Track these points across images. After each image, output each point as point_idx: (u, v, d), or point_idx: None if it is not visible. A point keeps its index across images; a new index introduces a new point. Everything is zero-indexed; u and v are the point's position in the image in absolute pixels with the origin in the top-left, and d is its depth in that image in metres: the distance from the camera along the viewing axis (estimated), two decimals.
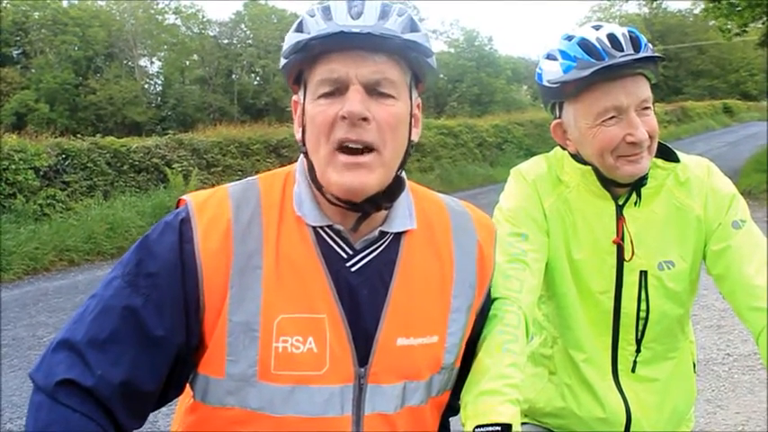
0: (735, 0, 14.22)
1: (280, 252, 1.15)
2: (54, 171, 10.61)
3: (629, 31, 1.50)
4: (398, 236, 1.22)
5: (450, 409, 1.32)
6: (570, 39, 1.52)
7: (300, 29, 1.16)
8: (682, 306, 1.62)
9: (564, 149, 1.62)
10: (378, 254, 1.19)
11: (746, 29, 15.95)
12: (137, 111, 35.39)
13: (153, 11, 40.35)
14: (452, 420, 1.37)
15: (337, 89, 1.12)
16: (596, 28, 1.52)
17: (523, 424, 1.60)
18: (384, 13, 1.14)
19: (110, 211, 10.16)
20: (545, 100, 1.62)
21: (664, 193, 1.58)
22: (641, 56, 1.45)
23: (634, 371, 1.62)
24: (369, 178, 1.12)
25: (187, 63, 41.15)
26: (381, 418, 1.16)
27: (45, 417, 1.06)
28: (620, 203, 1.57)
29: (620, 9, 46.82)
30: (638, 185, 1.55)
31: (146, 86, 40.04)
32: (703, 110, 36.80)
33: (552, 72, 1.53)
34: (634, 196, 1.57)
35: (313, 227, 1.17)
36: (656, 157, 1.55)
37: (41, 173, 10.34)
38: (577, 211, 1.59)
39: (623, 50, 1.45)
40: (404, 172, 1.22)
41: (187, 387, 1.21)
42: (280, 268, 1.14)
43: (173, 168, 12.09)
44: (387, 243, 1.21)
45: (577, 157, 1.58)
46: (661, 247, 1.57)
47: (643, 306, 1.58)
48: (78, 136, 12.08)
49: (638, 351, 1.61)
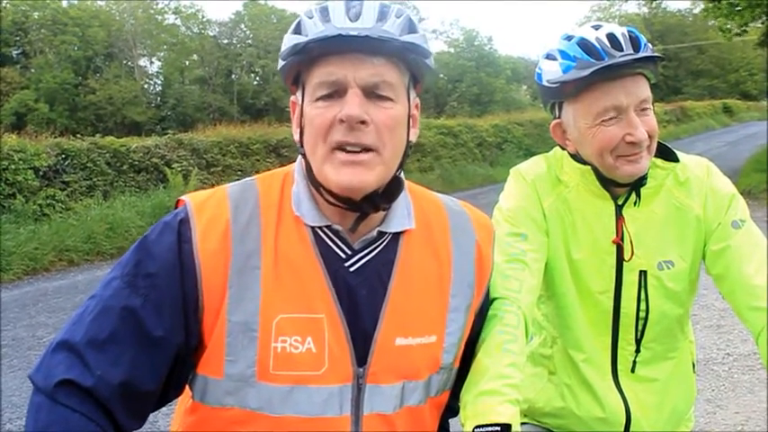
0: (735, 0, 14.21)
1: (278, 252, 1.15)
2: (54, 171, 10.61)
3: (628, 31, 1.50)
4: (397, 236, 1.22)
5: (450, 410, 1.32)
6: (570, 39, 1.52)
7: (298, 31, 1.15)
8: (681, 306, 1.62)
9: (563, 149, 1.62)
10: (376, 254, 1.19)
11: (746, 29, 15.94)
12: (136, 111, 35.39)
13: (153, 11, 40.36)
14: (452, 421, 1.37)
15: (335, 92, 1.12)
16: (596, 28, 1.52)
17: (523, 424, 1.60)
18: (382, 15, 1.14)
19: (109, 211, 10.17)
20: (544, 100, 1.62)
21: (663, 193, 1.58)
22: (641, 56, 1.44)
23: (634, 371, 1.62)
24: (367, 176, 1.12)
25: (187, 63, 41.14)
26: (380, 418, 1.16)
27: (45, 417, 1.06)
28: (620, 203, 1.57)
29: (619, 9, 46.86)
30: (637, 185, 1.55)
31: (145, 86, 40.05)
32: (703, 110, 36.79)
33: (552, 72, 1.53)
34: (633, 196, 1.57)
35: (311, 227, 1.17)
36: (655, 156, 1.55)
37: (41, 173, 10.35)
38: (577, 210, 1.59)
39: (623, 50, 1.45)
40: (402, 172, 1.22)
41: (186, 387, 1.21)
42: (278, 268, 1.14)
43: (172, 168, 12.10)
44: (385, 243, 1.21)
45: (577, 157, 1.58)
46: (660, 247, 1.57)
47: (642, 306, 1.58)
48: (78, 136, 12.10)
49: (638, 351, 1.61)
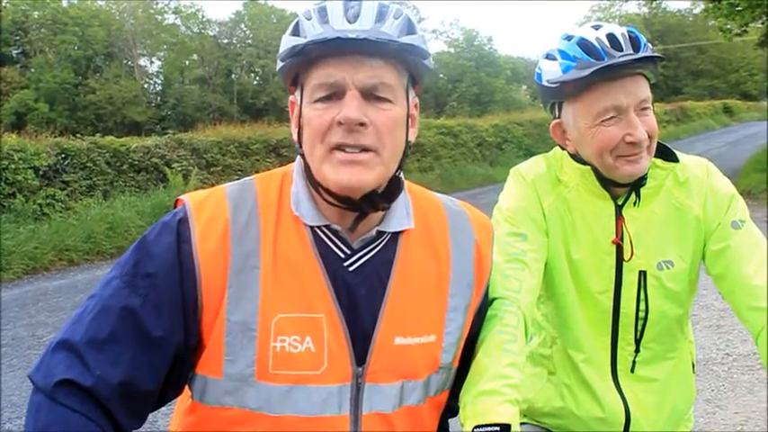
0: (735, 0, 14.20)
1: (277, 252, 1.15)
2: (53, 171, 10.61)
3: (628, 31, 1.49)
4: (396, 235, 1.22)
5: (449, 410, 1.32)
6: (569, 39, 1.52)
7: (297, 32, 1.15)
8: (681, 306, 1.62)
9: (563, 149, 1.62)
10: (375, 253, 1.19)
11: (747, 29, 15.93)
12: (136, 110, 35.40)
13: (152, 10, 40.38)
14: (451, 421, 1.37)
15: (334, 93, 1.11)
16: (596, 28, 1.52)
17: (522, 424, 1.60)
18: (381, 15, 1.13)
19: (109, 210, 10.16)
20: (544, 100, 1.62)
21: (663, 193, 1.58)
22: (640, 56, 1.44)
23: (633, 371, 1.62)
24: (366, 175, 1.12)
25: (187, 63, 41.16)
26: (379, 417, 1.16)
27: (44, 417, 1.06)
28: (620, 203, 1.57)
29: (619, 9, 46.83)
30: (637, 185, 1.55)
31: (145, 86, 40.07)
32: (703, 110, 36.79)
33: (551, 72, 1.53)
34: (633, 196, 1.56)
35: (311, 227, 1.17)
36: (655, 157, 1.55)
37: (41, 172, 10.35)
38: (576, 210, 1.59)
39: (622, 50, 1.45)
40: (402, 172, 1.22)
41: (185, 387, 1.20)
42: (277, 268, 1.14)
43: (172, 168, 12.10)
44: (384, 243, 1.21)
45: (576, 157, 1.58)
46: (660, 247, 1.57)
47: (642, 306, 1.58)
48: (78, 135, 12.10)
49: (638, 351, 1.61)
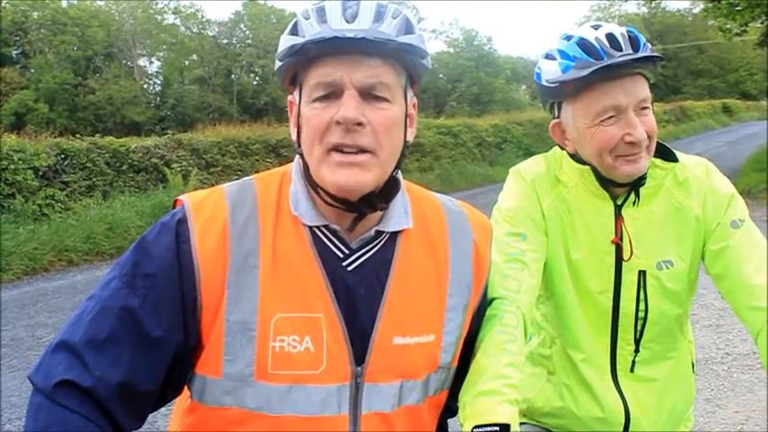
0: (734, 0, 14.20)
1: (276, 252, 1.15)
2: (53, 171, 10.61)
3: (627, 31, 1.49)
4: (394, 235, 1.22)
5: (448, 410, 1.32)
6: (569, 38, 1.52)
7: (295, 31, 1.15)
8: (680, 306, 1.62)
9: (563, 149, 1.62)
10: (374, 253, 1.20)
11: (746, 28, 15.93)
12: (136, 111, 35.37)
13: (152, 11, 40.36)
14: (451, 421, 1.37)
15: (332, 93, 1.11)
16: (595, 27, 1.52)
17: (522, 424, 1.60)
18: (379, 15, 1.14)
19: (109, 211, 10.16)
20: (544, 100, 1.62)
21: (662, 193, 1.58)
22: (640, 55, 1.44)
23: (633, 371, 1.62)
24: (364, 176, 1.12)
25: (186, 63, 41.13)
26: (378, 417, 1.16)
27: (44, 418, 1.06)
28: (619, 203, 1.57)
29: (619, 9, 46.83)
30: (636, 185, 1.55)
31: (145, 86, 40.04)
32: (702, 109, 36.79)
33: (551, 72, 1.53)
34: (633, 196, 1.56)
35: (309, 226, 1.17)
36: (654, 156, 1.55)
37: (40, 173, 10.35)
38: (576, 210, 1.59)
39: (622, 50, 1.45)
40: (400, 172, 1.22)
41: (185, 388, 1.20)
42: (276, 268, 1.14)
43: (172, 168, 12.09)
44: (383, 242, 1.21)
45: (576, 157, 1.58)
46: (660, 247, 1.57)
47: (642, 306, 1.58)
48: (77, 136, 12.09)
49: (637, 351, 1.61)
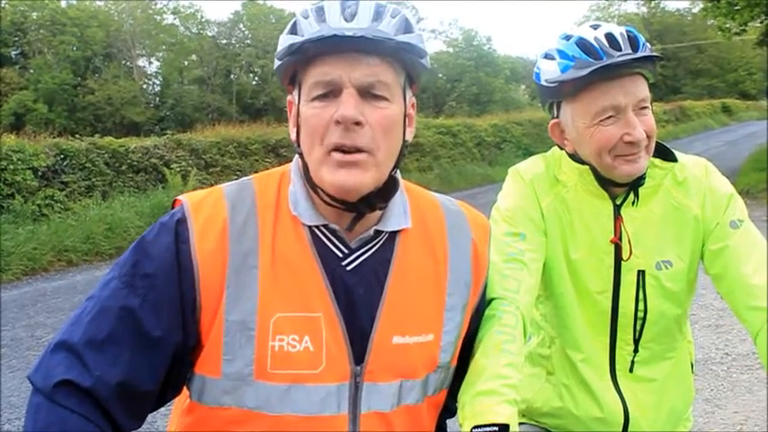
0: None
1: (276, 251, 1.15)
2: (52, 171, 10.60)
3: (627, 31, 1.49)
4: (393, 235, 1.22)
5: (447, 410, 1.32)
6: (568, 38, 1.52)
7: (294, 31, 1.16)
8: (680, 306, 1.62)
9: (562, 149, 1.62)
10: (373, 253, 1.20)
11: (745, 28, 15.93)
12: (135, 111, 35.38)
13: (151, 11, 40.37)
14: (450, 422, 1.37)
15: (331, 91, 1.12)
16: (594, 27, 1.52)
17: (521, 424, 1.60)
18: (378, 15, 1.14)
19: (108, 211, 10.15)
20: (543, 99, 1.62)
21: (661, 193, 1.58)
22: (639, 55, 1.44)
23: (632, 371, 1.62)
24: (363, 177, 1.12)
25: (185, 63, 41.14)
26: (378, 416, 1.16)
27: (43, 418, 1.06)
28: (618, 203, 1.57)
29: (618, 8, 46.76)
30: (635, 185, 1.55)
31: (144, 87, 40.05)
32: (702, 109, 36.80)
33: (550, 71, 1.53)
34: (632, 196, 1.56)
35: (308, 226, 1.17)
36: (653, 156, 1.54)
37: (40, 173, 10.34)
38: (575, 210, 1.59)
39: (621, 50, 1.44)
40: (398, 171, 1.22)
41: (184, 387, 1.20)
42: (276, 267, 1.14)
43: (171, 168, 12.09)
44: (382, 242, 1.21)
45: (575, 157, 1.58)
46: (659, 247, 1.57)
47: (641, 306, 1.58)
48: (77, 136, 12.08)
49: (636, 351, 1.61)
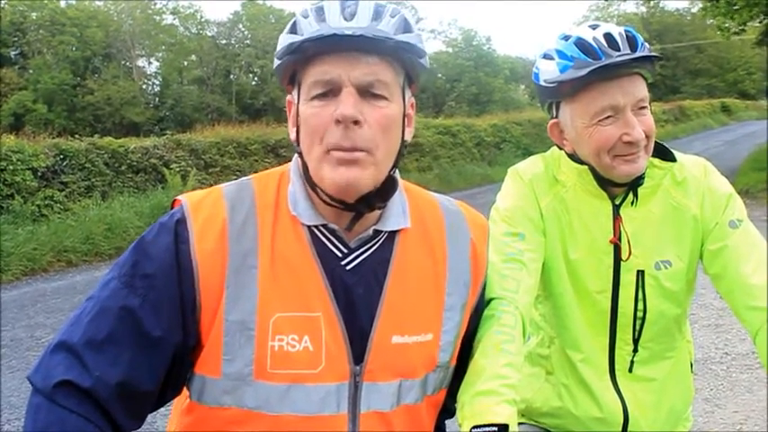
0: None
1: (275, 251, 1.15)
2: (52, 172, 10.59)
3: (625, 31, 1.49)
4: (393, 234, 1.22)
5: (446, 411, 1.32)
6: (567, 38, 1.52)
7: (294, 30, 1.16)
8: (679, 306, 1.62)
9: (561, 149, 1.62)
10: (372, 252, 1.20)
11: (745, 27, 15.93)
12: (135, 111, 35.38)
13: (151, 11, 40.38)
14: (449, 422, 1.37)
15: (330, 90, 1.12)
16: (593, 27, 1.52)
17: (520, 424, 1.60)
18: (377, 14, 1.14)
19: (108, 211, 10.14)
20: (542, 99, 1.62)
21: (660, 193, 1.58)
22: (638, 55, 1.44)
23: (631, 370, 1.62)
24: (362, 174, 1.12)
25: (185, 63, 41.14)
26: (377, 416, 1.16)
27: (43, 418, 1.06)
28: (617, 203, 1.57)
29: (617, 8, 46.77)
30: (634, 185, 1.55)
31: (144, 87, 40.05)
32: (701, 109, 36.80)
33: (549, 72, 1.53)
34: (631, 196, 1.56)
35: (308, 226, 1.17)
36: (652, 156, 1.54)
37: (39, 173, 10.33)
38: (574, 210, 1.59)
39: (620, 50, 1.45)
40: (397, 171, 1.22)
41: (183, 388, 1.20)
42: (275, 267, 1.14)
43: (171, 169, 12.09)
44: (381, 242, 1.21)
45: (574, 157, 1.58)
46: (658, 247, 1.57)
47: (640, 306, 1.58)
48: (76, 136, 12.07)
49: (636, 351, 1.61)
